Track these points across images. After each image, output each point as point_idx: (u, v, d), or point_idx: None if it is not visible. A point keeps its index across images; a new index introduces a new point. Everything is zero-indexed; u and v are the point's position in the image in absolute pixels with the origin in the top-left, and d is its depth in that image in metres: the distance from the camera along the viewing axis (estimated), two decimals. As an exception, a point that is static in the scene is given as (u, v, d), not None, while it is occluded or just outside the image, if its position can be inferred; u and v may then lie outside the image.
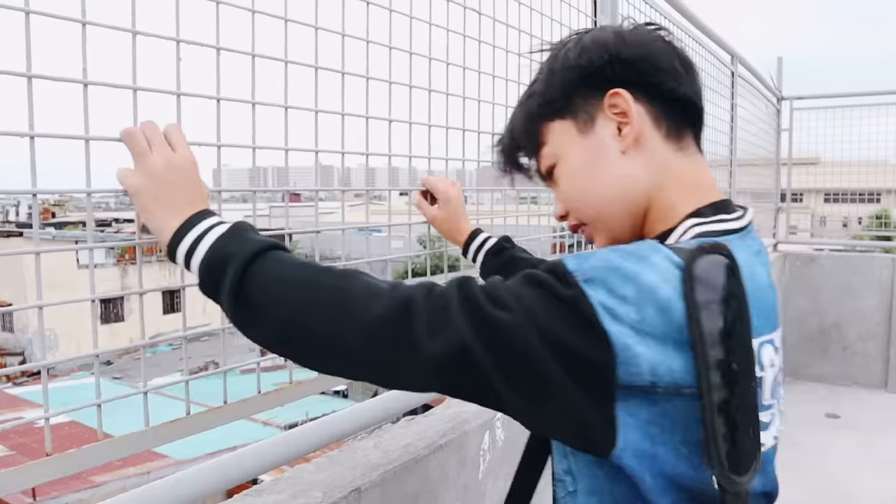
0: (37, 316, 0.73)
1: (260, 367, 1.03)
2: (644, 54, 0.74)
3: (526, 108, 0.80)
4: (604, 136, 0.74)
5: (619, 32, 0.76)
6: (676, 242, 0.69)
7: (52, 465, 0.75)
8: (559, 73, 0.76)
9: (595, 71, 0.74)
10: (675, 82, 0.74)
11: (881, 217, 5.61)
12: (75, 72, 0.71)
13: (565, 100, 0.76)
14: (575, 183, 0.77)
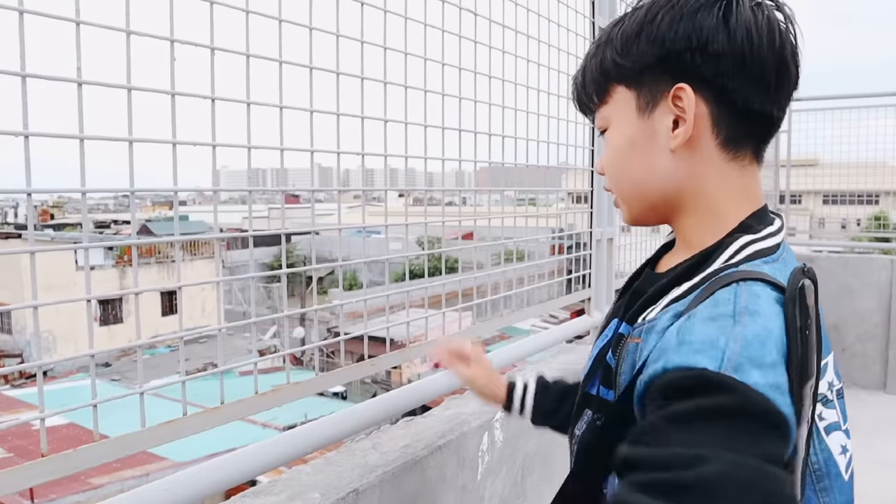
0: (37, 317, 0.73)
1: (258, 369, 1.03)
2: (734, 53, 0.66)
3: (601, 55, 0.73)
4: (659, 126, 0.70)
5: (727, 14, 0.66)
6: (733, 259, 0.67)
7: (48, 466, 0.75)
8: (642, 40, 0.69)
9: (675, 55, 0.67)
10: (755, 95, 0.68)
11: (880, 218, 5.62)
12: (69, 71, 0.71)
13: (637, 72, 0.70)
14: (616, 158, 0.75)
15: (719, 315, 0.59)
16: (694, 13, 0.66)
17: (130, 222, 0.87)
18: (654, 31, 0.68)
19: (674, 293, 0.68)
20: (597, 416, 0.75)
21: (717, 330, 0.57)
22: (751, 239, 0.68)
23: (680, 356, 0.56)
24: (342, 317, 1.30)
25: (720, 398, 0.53)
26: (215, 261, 1.04)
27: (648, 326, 0.67)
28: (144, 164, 1.27)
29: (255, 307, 17.85)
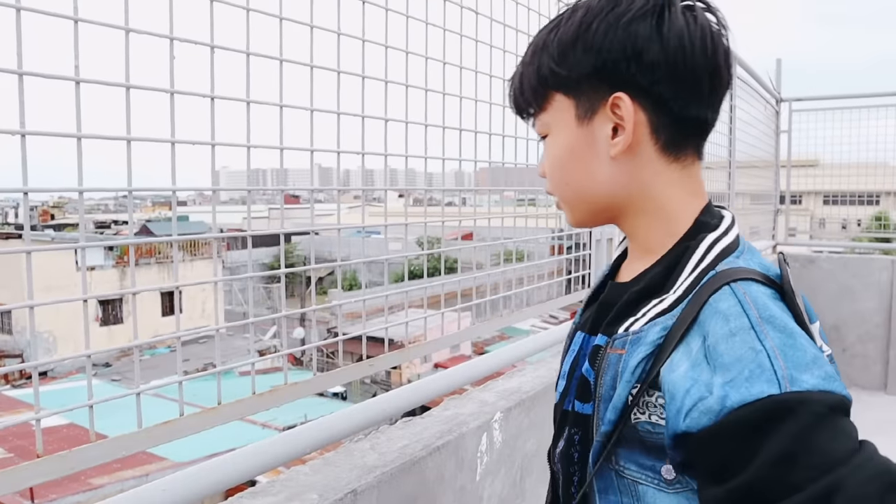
0: (33, 317, 0.73)
1: (259, 369, 1.02)
2: (668, 63, 0.67)
3: (538, 62, 0.73)
4: (598, 134, 0.71)
5: (660, 23, 0.67)
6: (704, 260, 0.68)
7: (44, 467, 0.74)
8: (578, 49, 0.69)
9: (610, 65, 0.68)
10: (690, 101, 0.70)
11: (881, 219, 5.61)
12: (67, 69, 0.71)
13: (574, 80, 0.71)
14: (557, 165, 0.75)
15: (739, 329, 0.60)
16: (628, 23, 0.67)
17: (132, 222, 0.87)
18: (590, 41, 0.68)
19: (656, 305, 0.68)
20: (574, 430, 0.75)
21: (749, 349, 0.58)
22: (715, 237, 0.70)
23: (736, 390, 0.56)
24: (341, 317, 1.30)
25: (801, 417, 0.54)
26: (214, 261, 1.04)
27: (633, 338, 0.68)
28: (144, 164, 1.27)
29: (256, 308, 17.80)
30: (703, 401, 0.58)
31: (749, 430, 0.55)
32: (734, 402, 0.56)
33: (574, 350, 0.79)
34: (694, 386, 0.59)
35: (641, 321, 0.68)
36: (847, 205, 5.84)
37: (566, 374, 0.79)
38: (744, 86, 3.94)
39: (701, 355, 0.61)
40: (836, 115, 5.17)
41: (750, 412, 0.55)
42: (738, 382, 0.56)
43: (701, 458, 0.59)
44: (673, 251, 0.71)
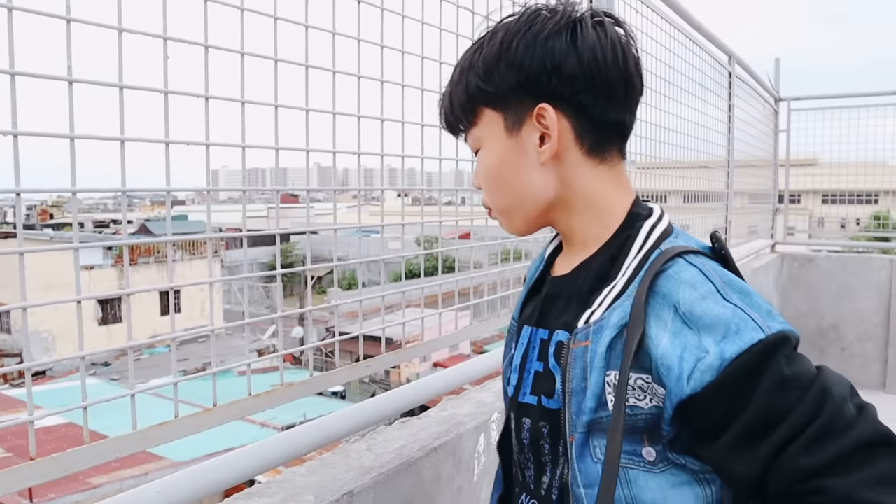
0: (32, 316, 0.72)
1: (257, 369, 1.02)
2: (585, 74, 0.73)
3: (465, 81, 0.79)
4: (527, 143, 0.77)
5: (574, 38, 0.73)
6: (647, 243, 0.75)
7: (38, 469, 0.74)
8: (502, 66, 0.75)
9: (533, 79, 0.74)
10: (608, 107, 0.76)
11: (879, 218, 5.61)
12: (60, 69, 0.70)
13: (500, 95, 0.76)
14: (492, 176, 0.80)
15: (708, 293, 0.67)
16: (545, 40, 0.73)
17: (128, 222, 0.86)
18: (512, 58, 0.75)
19: (609, 292, 0.73)
20: (542, 423, 0.78)
21: (723, 307, 0.66)
22: (652, 224, 0.76)
23: (731, 343, 0.64)
24: (339, 316, 1.29)
25: (783, 348, 0.65)
26: (209, 261, 1.03)
27: (596, 328, 0.72)
28: (142, 164, 1.26)
29: (255, 307, 17.78)
30: (702, 360, 0.64)
31: (748, 372, 0.63)
32: (732, 353, 0.63)
33: (523, 344, 0.84)
34: (686, 351, 0.65)
35: (600, 310, 0.72)
36: (846, 204, 5.84)
37: (517, 367, 0.84)
38: (742, 85, 3.94)
39: (679, 323, 0.67)
40: (835, 115, 5.17)
41: (748, 357, 0.63)
42: (730, 337, 0.64)
43: (706, 413, 0.65)
44: (613, 241, 0.77)
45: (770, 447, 0.63)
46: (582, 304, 0.75)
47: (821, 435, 0.62)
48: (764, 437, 0.63)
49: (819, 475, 0.61)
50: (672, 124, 2.59)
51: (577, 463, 0.72)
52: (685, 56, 2.78)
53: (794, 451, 0.62)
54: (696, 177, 3.11)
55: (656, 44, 2.35)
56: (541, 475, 0.80)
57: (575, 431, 0.72)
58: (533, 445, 0.80)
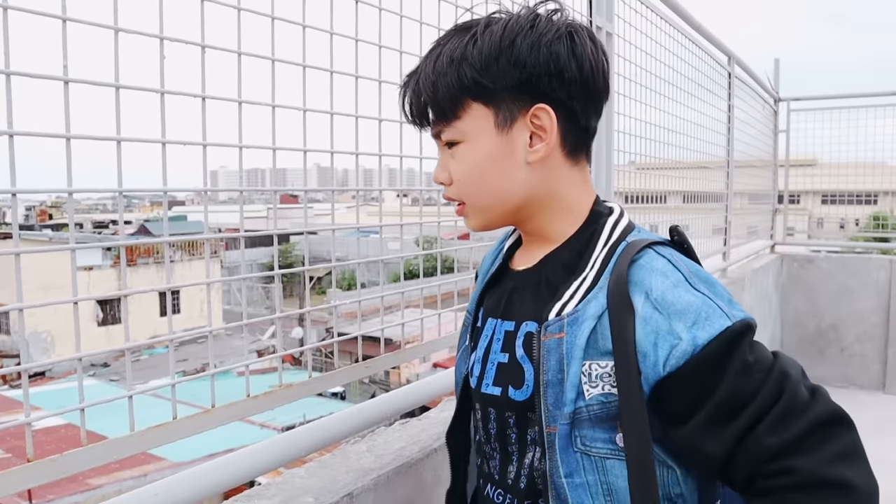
0: (31, 317, 0.72)
1: (253, 370, 1.01)
2: (581, 81, 0.76)
3: (457, 72, 0.76)
4: (517, 141, 0.77)
5: (573, 45, 0.75)
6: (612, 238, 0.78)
7: (35, 472, 0.74)
8: (502, 62, 0.74)
9: (535, 79, 0.74)
10: (592, 113, 0.79)
11: (879, 218, 5.61)
12: (56, 69, 0.70)
13: (496, 91, 0.75)
14: (475, 172, 0.79)
15: (678, 282, 0.72)
16: (549, 43, 0.74)
17: (126, 223, 0.86)
18: (516, 56, 0.74)
19: (580, 285, 0.75)
20: (508, 413, 0.80)
21: (691, 296, 0.71)
22: (615, 220, 0.80)
23: (702, 330, 0.69)
24: (338, 317, 1.29)
25: (747, 336, 0.71)
26: (206, 261, 1.03)
27: (570, 319, 0.74)
28: (140, 164, 1.26)
29: (254, 307, 17.77)
30: (676, 347, 0.69)
31: (717, 357, 0.68)
32: (704, 339, 0.69)
33: (487, 335, 0.85)
34: (659, 338, 0.69)
35: (573, 303, 0.74)
36: (845, 204, 5.83)
37: (480, 359, 0.85)
38: (742, 85, 3.94)
39: (650, 308, 0.70)
40: (835, 115, 5.17)
41: (717, 343, 0.68)
42: (700, 323, 0.69)
43: (680, 392, 0.70)
44: (578, 236, 0.80)
45: (738, 427, 0.68)
46: (550, 296, 0.77)
47: (783, 416, 0.67)
48: (732, 417, 0.68)
49: (783, 455, 0.66)
50: (672, 125, 2.59)
51: (560, 454, 0.73)
52: (685, 56, 2.78)
53: (761, 432, 0.67)
54: (696, 177, 3.10)
55: (656, 44, 2.35)
56: (507, 465, 0.82)
57: (556, 423, 0.73)
58: (499, 435, 0.82)
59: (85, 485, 10.01)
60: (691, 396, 0.69)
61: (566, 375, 0.73)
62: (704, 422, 0.69)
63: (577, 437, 0.73)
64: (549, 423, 0.74)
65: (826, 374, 4.71)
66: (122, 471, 10.15)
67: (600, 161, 1.92)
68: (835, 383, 4.69)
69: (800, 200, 6.61)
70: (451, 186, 0.82)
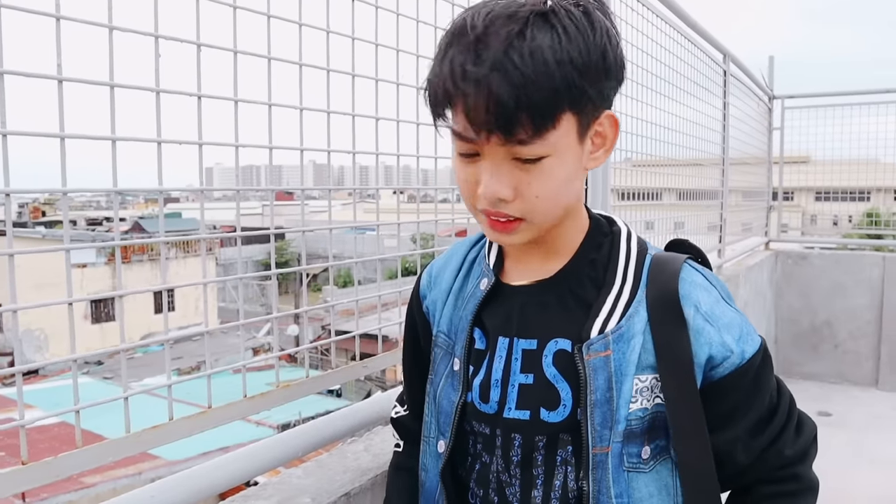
0: (23, 315, 0.71)
1: (252, 367, 1.01)
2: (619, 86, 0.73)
3: (564, 75, 0.63)
4: (584, 149, 0.71)
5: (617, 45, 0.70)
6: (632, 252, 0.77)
7: (28, 474, 0.73)
8: (601, 67, 0.66)
9: (615, 85, 0.70)
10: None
11: (873, 215, 5.64)
12: (50, 68, 0.69)
13: (588, 98, 0.67)
14: (563, 188, 0.70)
15: (717, 298, 0.76)
16: (617, 45, 0.69)
17: (121, 220, 0.85)
18: (609, 62, 0.67)
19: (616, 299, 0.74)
20: (538, 438, 0.75)
21: (732, 311, 0.77)
22: (627, 233, 0.79)
23: (747, 344, 0.75)
24: (335, 315, 1.29)
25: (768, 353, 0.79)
26: (202, 260, 1.02)
27: (616, 336, 0.72)
28: (135, 162, 1.25)
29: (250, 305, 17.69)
30: (728, 359, 0.74)
31: (757, 370, 0.76)
32: (750, 353, 0.75)
33: (501, 356, 0.78)
34: (712, 348, 0.73)
35: (614, 319, 0.73)
36: (838, 201, 5.86)
37: (499, 382, 0.77)
38: (736, 83, 3.94)
39: (701, 320, 0.73)
40: (828, 112, 5.18)
41: (757, 357, 0.76)
42: (744, 338, 0.75)
43: (719, 400, 0.74)
44: (591, 248, 0.77)
45: (765, 440, 0.77)
46: (583, 312, 0.74)
47: (796, 431, 0.80)
48: (761, 431, 0.77)
49: (793, 464, 0.79)
50: (667, 122, 2.59)
51: (612, 473, 0.72)
52: (680, 54, 2.78)
53: (781, 446, 0.78)
54: (691, 174, 3.11)
55: (652, 41, 2.35)
56: (530, 490, 0.76)
57: (606, 442, 0.72)
58: (524, 461, 0.76)
59: (79, 483, 9.98)
60: (730, 405, 0.75)
61: (616, 393, 0.71)
62: (743, 435, 0.76)
63: (624, 455, 0.73)
64: (596, 444, 0.72)
65: (820, 370, 4.73)
66: (116, 469, 10.12)
67: (596, 159, 1.91)
68: (828, 379, 4.72)
69: (793, 197, 6.64)
70: (514, 203, 0.69)
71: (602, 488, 0.72)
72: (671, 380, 0.71)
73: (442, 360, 0.84)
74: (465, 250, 0.87)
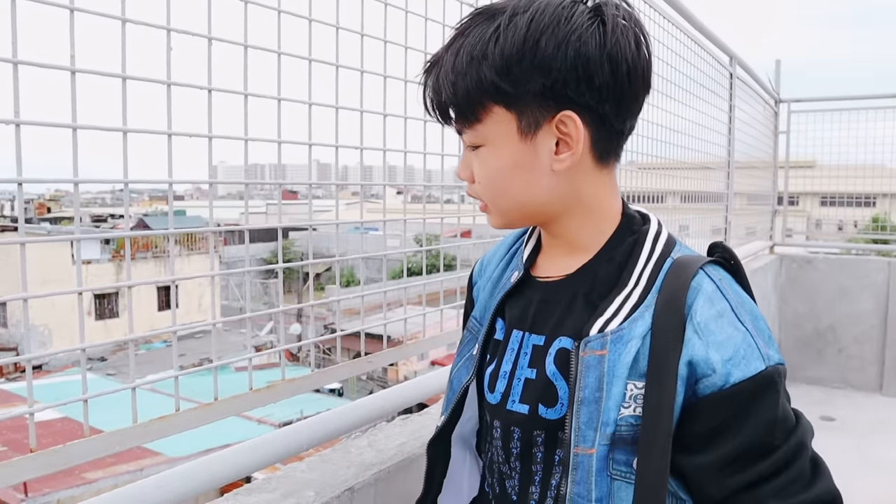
0: (30, 310, 0.72)
1: (255, 365, 1.01)
2: (616, 86, 0.69)
3: (476, 72, 0.69)
4: (541, 149, 0.71)
5: (605, 43, 0.67)
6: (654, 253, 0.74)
7: (37, 462, 0.74)
8: (525, 64, 0.67)
9: (560, 84, 0.68)
10: (627, 116, 0.72)
11: (878, 220, 5.62)
12: (63, 59, 0.70)
13: (518, 96, 0.69)
14: (498, 178, 0.74)
15: (724, 311, 0.69)
16: (577, 40, 0.67)
17: (128, 215, 0.86)
18: (539, 58, 0.67)
19: (624, 301, 0.71)
20: (537, 433, 0.75)
21: (734, 329, 0.69)
22: (656, 231, 0.76)
23: (737, 368, 0.67)
24: (339, 313, 1.29)
25: (778, 384, 0.69)
26: (210, 255, 1.03)
27: (614, 337, 0.70)
28: (141, 160, 1.26)
29: (253, 303, 17.75)
30: (707, 378, 0.67)
31: (745, 399, 0.67)
32: (736, 378, 0.67)
33: (513, 349, 0.79)
34: (694, 361, 0.67)
35: (617, 319, 0.71)
36: (844, 206, 5.84)
37: (506, 374, 0.79)
38: (743, 86, 3.94)
39: (691, 331, 0.68)
40: (835, 117, 5.17)
41: (748, 385, 0.67)
42: (737, 361, 0.67)
43: (696, 421, 0.68)
44: (612, 246, 0.75)
45: (743, 480, 0.67)
46: (589, 311, 0.73)
47: (789, 484, 0.67)
48: (741, 469, 0.67)
49: None
50: (673, 124, 2.59)
51: (595, 476, 0.69)
52: (687, 56, 2.78)
53: (765, 493, 0.67)
54: (697, 177, 3.11)
55: (659, 43, 2.35)
56: (528, 485, 0.76)
57: (590, 443, 0.69)
58: (523, 454, 0.76)
59: (81, 478, 10.00)
60: (706, 429, 0.68)
61: (605, 394, 0.69)
62: (715, 464, 0.67)
63: (611, 460, 0.69)
64: (578, 443, 0.70)
65: (823, 375, 4.72)
66: (118, 465, 10.13)
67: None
68: (832, 384, 4.70)
69: (798, 202, 6.62)
70: (472, 185, 0.77)
71: (582, 491, 0.70)
72: (652, 388, 0.67)
73: (468, 343, 0.87)
74: (512, 241, 0.91)
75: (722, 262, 0.75)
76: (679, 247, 0.76)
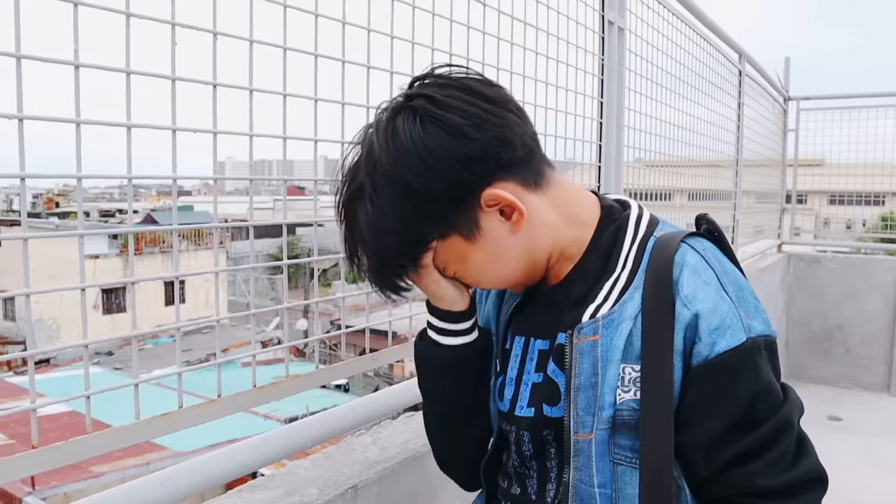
0: (36, 304, 0.72)
1: (261, 361, 1.01)
2: (491, 138, 0.68)
3: (392, 246, 0.70)
4: (493, 229, 0.71)
5: (459, 128, 0.67)
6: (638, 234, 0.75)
7: (40, 458, 0.74)
8: (419, 207, 0.68)
9: (456, 186, 0.68)
10: (522, 144, 0.71)
11: (887, 219, 5.57)
12: (67, 54, 0.69)
13: (439, 226, 0.70)
14: (481, 273, 0.75)
15: (710, 280, 0.70)
16: (435, 153, 0.66)
17: (134, 212, 0.85)
18: (423, 195, 0.67)
19: (613, 286, 0.72)
20: (546, 431, 0.76)
21: (720, 298, 0.69)
22: (637, 214, 0.76)
23: (722, 338, 0.67)
24: (344, 309, 1.29)
25: (762, 353, 0.68)
26: (215, 250, 1.03)
27: (606, 321, 0.70)
28: (147, 155, 1.25)
29: (259, 299, 17.78)
30: (695, 347, 0.68)
31: (729, 370, 0.67)
32: (721, 348, 0.67)
33: (517, 355, 0.81)
34: (685, 331, 0.68)
35: (608, 304, 0.71)
36: (852, 205, 5.79)
37: (513, 380, 0.80)
38: (752, 83, 3.91)
39: (680, 305, 0.68)
40: (844, 115, 5.13)
41: (732, 356, 0.67)
42: (722, 331, 0.67)
43: (688, 395, 0.68)
44: (597, 239, 0.76)
45: (730, 455, 0.67)
46: (582, 303, 0.74)
47: (776, 462, 0.68)
48: (727, 444, 0.67)
49: (763, 497, 0.68)
50: (682, 122, 2.57)
51: (596, 461, 0.70)
52: (696, 53, 2.76)
53: (754, 471, 0.67)
54: (705, 175, 3.09)
55: (667, 40, 2.33)
56: (545, 483, 0.78)
57: (589, 429, 0.70)
58: (537, 453, 0.78)
59: (88, 472, 10.07)
60: (692, 402, 0.67)
61: (601, 379, 0.69)
62: (703, 440, 0.68)
63: (613, 444, 0.69)
64: (577, 430, 0.71)
65: (831, 374, 4.69)
66: (125, 459, 10.20)
67: (609, 157, 1.91)
68: (840, 384, 4.67)
69: (807, 200, 6.57)
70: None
71: (583, 476, 0.70)
72: (648, 367, 0.67)
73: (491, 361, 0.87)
74: None
75: (705, 234, 0.76)
76: (662, 225, 0.76)
